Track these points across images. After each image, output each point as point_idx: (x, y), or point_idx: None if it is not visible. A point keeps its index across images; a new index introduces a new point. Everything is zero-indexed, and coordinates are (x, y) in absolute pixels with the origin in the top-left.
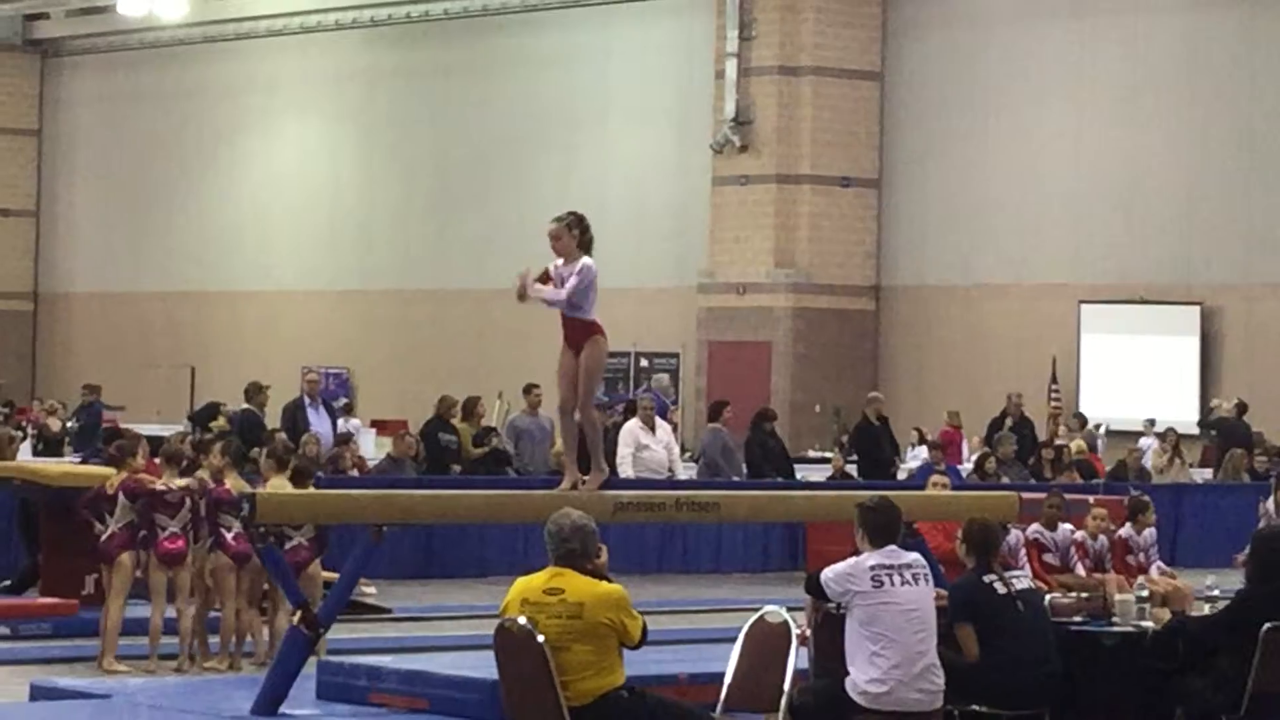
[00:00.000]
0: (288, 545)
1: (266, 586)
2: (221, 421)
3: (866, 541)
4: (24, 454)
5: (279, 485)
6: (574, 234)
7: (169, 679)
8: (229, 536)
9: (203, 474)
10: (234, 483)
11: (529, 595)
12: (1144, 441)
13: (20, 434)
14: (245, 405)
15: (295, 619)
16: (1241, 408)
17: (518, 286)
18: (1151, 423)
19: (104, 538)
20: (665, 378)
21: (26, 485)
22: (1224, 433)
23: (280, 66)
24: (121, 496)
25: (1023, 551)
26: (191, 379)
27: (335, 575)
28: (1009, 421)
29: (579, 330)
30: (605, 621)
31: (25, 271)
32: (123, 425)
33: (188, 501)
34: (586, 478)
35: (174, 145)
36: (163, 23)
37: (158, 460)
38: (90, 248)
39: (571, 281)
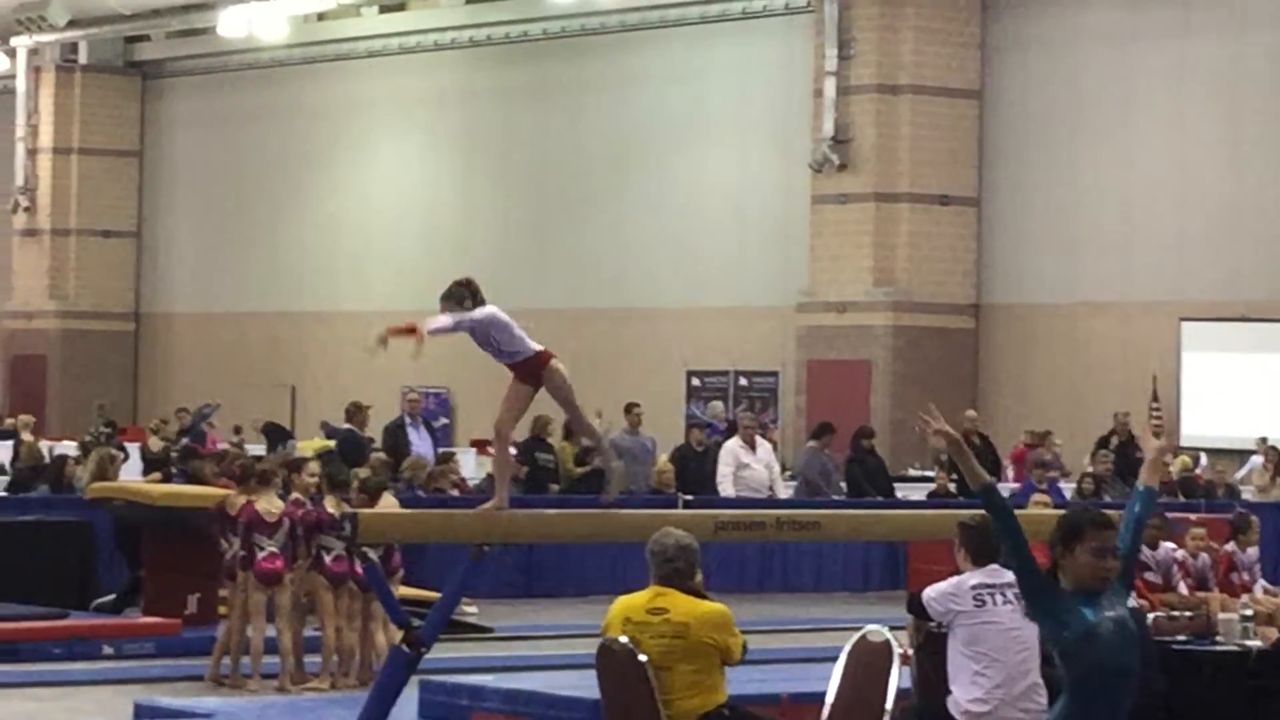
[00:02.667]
0: (327, 558)
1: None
2: (317, 442)
3: (968, 560)
4: (132, 474)
5: (387, 504)
6: (450, 304)
7: (272, 698)
8: (328, 558)
9: (296, 494)
10: (333, 505)
11: (632, 615)
12: (1254, 459)
13: (123, 454)
14: (347, 425)
15: (398, 638)
16: None
17: (378, 337)
18: (1264, 440)
19: (228, 555)
20: (719, 404)
21: (129, 505)
22: None
23: (379, 87)
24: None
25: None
26: (292, 399)
27: (420, 592)
28: (1115, 440)
29: (528, 368)
30: (709, 641)
31: (127, 292)
32: (222, 446)
33: (286, 522)
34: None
35: (274, 166)
36: (262, 44)
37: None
38: (191, 268)
39: (447, 320)
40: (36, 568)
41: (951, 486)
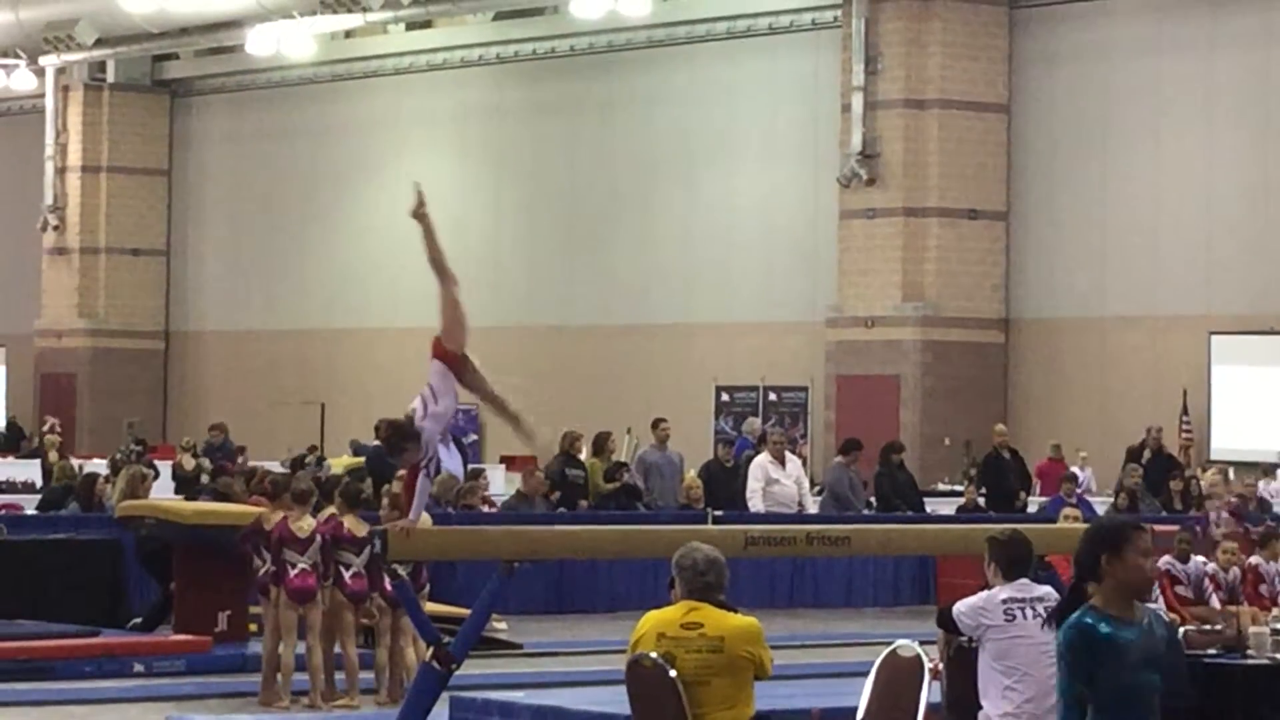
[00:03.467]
0: (346, 575)
1: (367, 621)
2: (348, 459)
3: (998, 575)
4: (164, 492)
5: (353, 523)
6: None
7: (303, 715)
8: (347, 575)
9: (332, 510)
10: (351, 522)
11: (665, 629)
12: None
13: (153, 472)
14: (376, 442)
15: (428, 655)
16: None
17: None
18: None
19: (261, 573)
20: (755, 421)
21: (160, 524)
22: None
23: (407, 105)
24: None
25: (1155, 584)
26: (321, 416)
27: (450, 609)
28: (1146, 454)
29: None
30: (745, 654)
31: (156, 310)
32: (254, 464)
33: (318, 539)
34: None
35: (302, 183)
36: (290, 62)
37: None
38: (220, 286)
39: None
40: (67, 586)
41: (980, 501)
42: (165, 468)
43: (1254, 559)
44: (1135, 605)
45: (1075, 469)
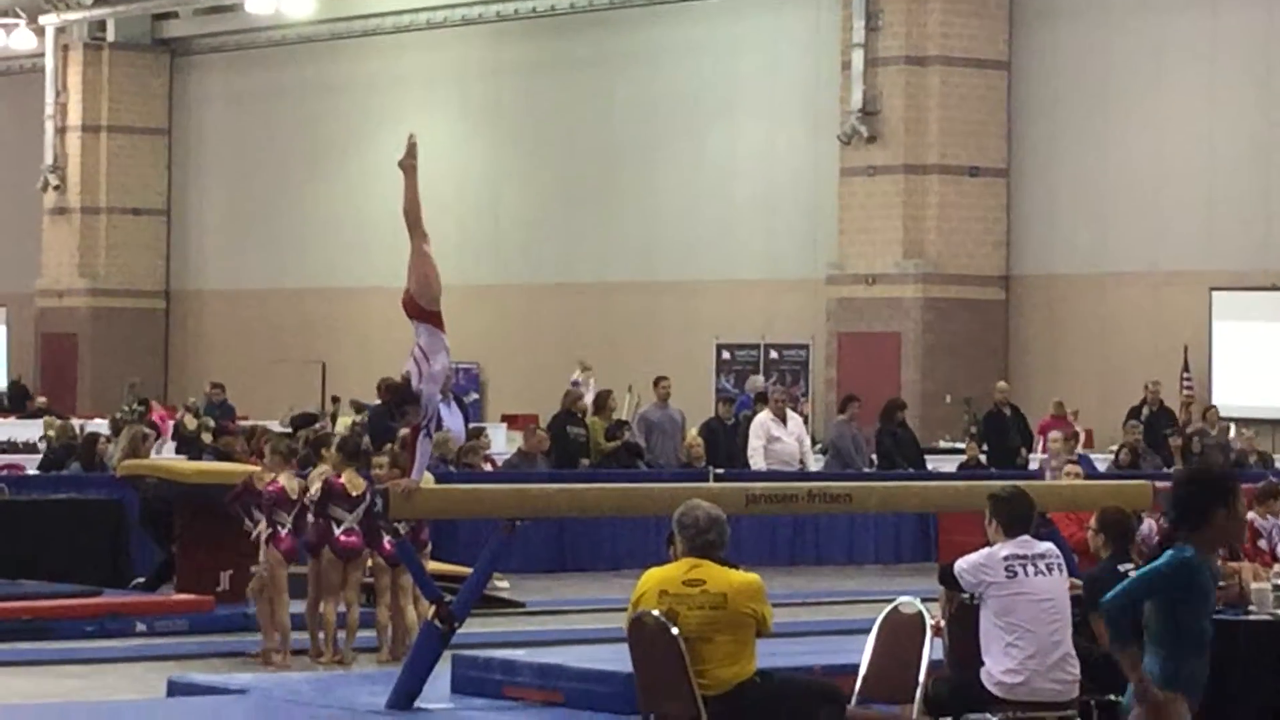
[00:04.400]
0: (337, 531)
1: (370, 580)
2: (347, 419)
3: (1000, 532)
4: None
5: (350, 478)
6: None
7: (302, 674)
8: (338, 531)
9: (325, 468)
10: (348, 478)
11: (668, 587)
12: None
13: (154, 432)
14: (380, 400)
15: (430, 613)
16: None
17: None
18: None
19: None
20: (759, 379)
21: (162, 483)
22: None
23: (407, 63)
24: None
25: (1155, 540)
26: (323, 375)
27: (451, 567)
28: (1146, 410)
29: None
30: (746, 611)
31: (157, 270)
32: (256, 422)
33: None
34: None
35: (302, 142)
36: (290, 21)
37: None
38: (220, 245)
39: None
40: (69, 546)
41: (982, 458)
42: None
43: (1250, 514)
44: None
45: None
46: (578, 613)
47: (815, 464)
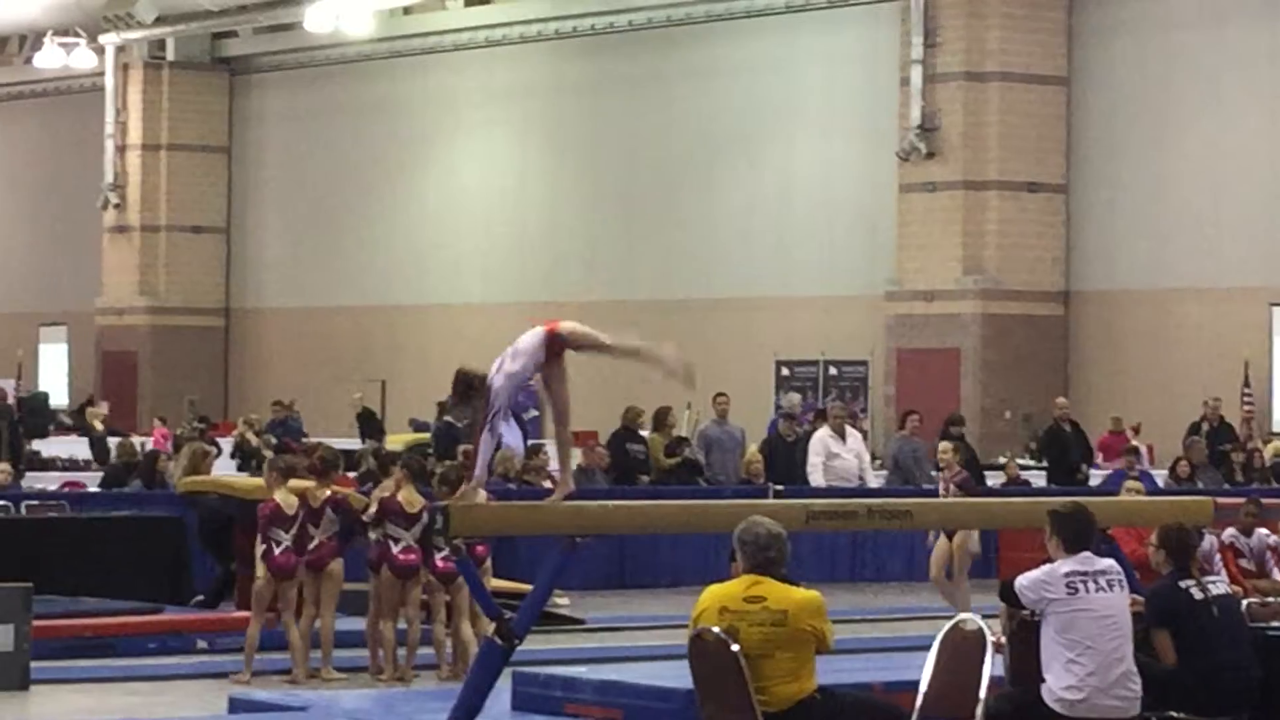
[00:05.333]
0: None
1: (425, 597)
2: (407, 436)
3: (1060, 548)
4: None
5: (408, 495)
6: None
7: (363, 691)
8: (396, 549)
9: (388, 484)
10: (408, 495)
11: (728, 604)
12: None
13: (215, 449)
14: (445, 418)
15: (490, 630)
16: None
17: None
18: None
19: (311, 547)
20: (796, 396)
21: (222, 499)
22: None
23: (466, 81)
24: (329, 509)
25: (1218, 557)
26: (382, 393)
27: (512, 584)
28: (1206, 426)
29: (550, 356)
30: (807, 628)
31: (216, 288)
32: (317, 440)
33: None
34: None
35: (361, 160)
36: (349, 39)
37: (351, 474)
38: (280, 263)
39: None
40: (130, 563)
41: (1022, 474)
42: (227, 445)
43: (1227, 532)
44: None
45: (1135, 442)
46: (638, 629)
47: (875, 480)
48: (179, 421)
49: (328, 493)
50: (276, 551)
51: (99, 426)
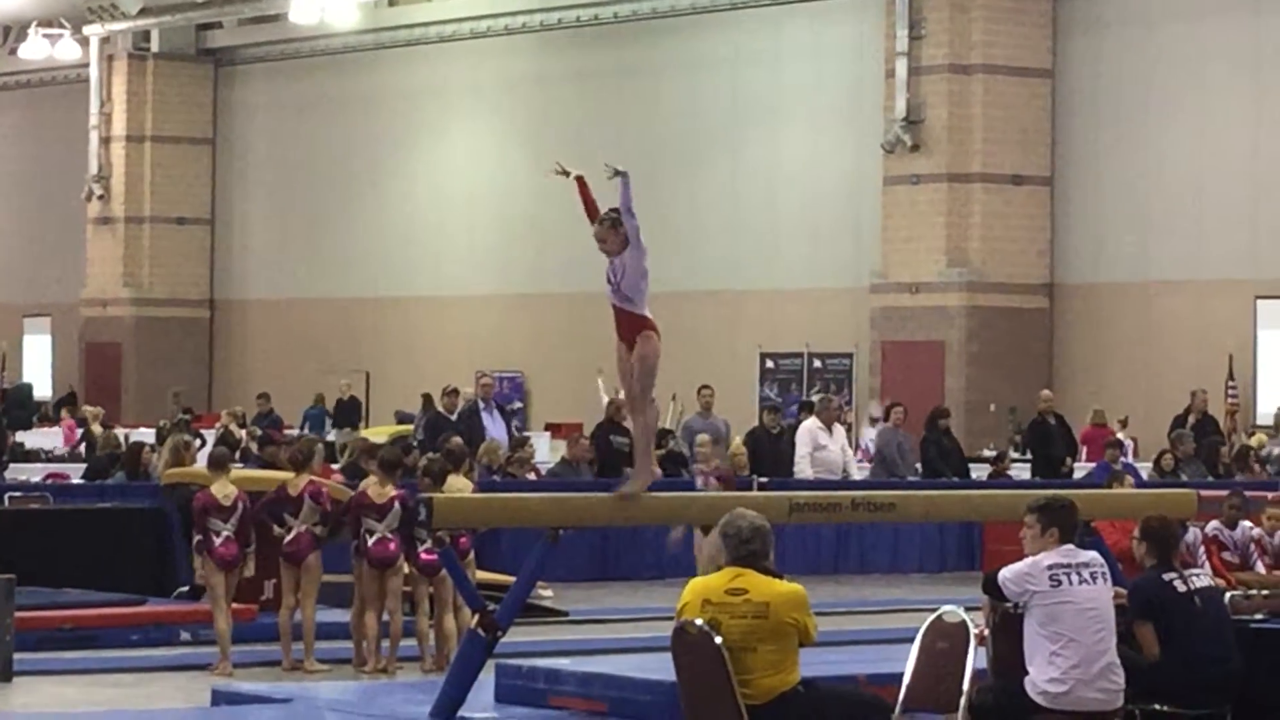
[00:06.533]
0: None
1: (409, 589)
2: (391, 427)
3: (1038, 539)
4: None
5: (375, 489)
6: (619, 231)
7: (346, 683)
8: (370, 541)
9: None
10: (374, 488)
11: (710, 596)
12: None
13: (199, 441)
14: (438, 409)
15: (474, 622)
16: None
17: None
18: None
19: (289, 539)
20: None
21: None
22: None
23: (451, 72)
24: (308, 499)
25: (1202, 549)
26: (366, 384)
27: (495, 576)
28: (1192, 419)
29: (631, 324)
30: (789, 621)
31: (201, 279)
32: (300, 432)
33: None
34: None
35: (346, 152)
36: (334, 30)
37: (334, 465)
38: (265, 255)
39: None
40: (113, 555)
41: (1012, 469)
42: (211, 437)
43: (1211, 525)
44: None
45: (1119, 435)
46: (621, 622)
47: (859, 473)
48: (164, 413)
49: (305, 482)
50: (216, 542)
51: (97, 428)
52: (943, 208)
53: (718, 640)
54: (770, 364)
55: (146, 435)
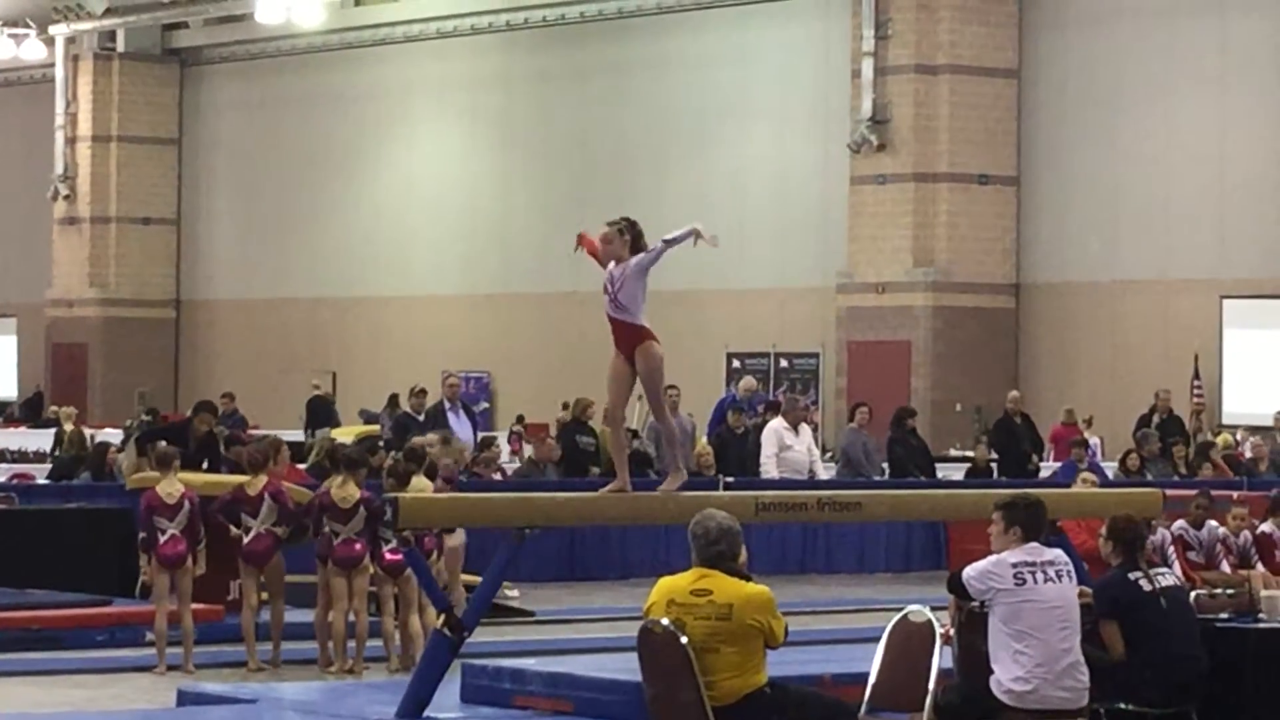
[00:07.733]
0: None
1: (374, 589)
2: (357, 427)
3: (1003, 537)
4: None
5: (339, 491)
6: (625, 239)
7: (311, 683)
8: (336, 541)
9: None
10: (337, 491)
11: (676, 596)
12: None
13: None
14: (405, 409)
15: (439, 622)
16: None
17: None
18: None
19: (249, 540)
20: (751, 379)
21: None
22: None
23: (417, 72)
24: (268, 499)
25: (1170, 549)
26: (333, 384)
27: (475, 578)
28: (1156, 418)
29: (629, 336)
30: (753, 623)
31: (167, 279)
32: (266, 432)
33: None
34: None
35: (313, 152)
36: (300, 30)
37: (300, 465)
38: (231, 255)
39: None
40: (79, 555)
41: (993, 463)
42: None
43: (1265, 526)
44: None
45: (1085, 434)
46: (587, 622)
47: (825, 473)
48: (131, 413)
49: (263, 483)
50: (161, 540)
51: (69, 426)
52: (909, 207)
53: (684, 640)
54: (737, 364)
55: (113, 435)
